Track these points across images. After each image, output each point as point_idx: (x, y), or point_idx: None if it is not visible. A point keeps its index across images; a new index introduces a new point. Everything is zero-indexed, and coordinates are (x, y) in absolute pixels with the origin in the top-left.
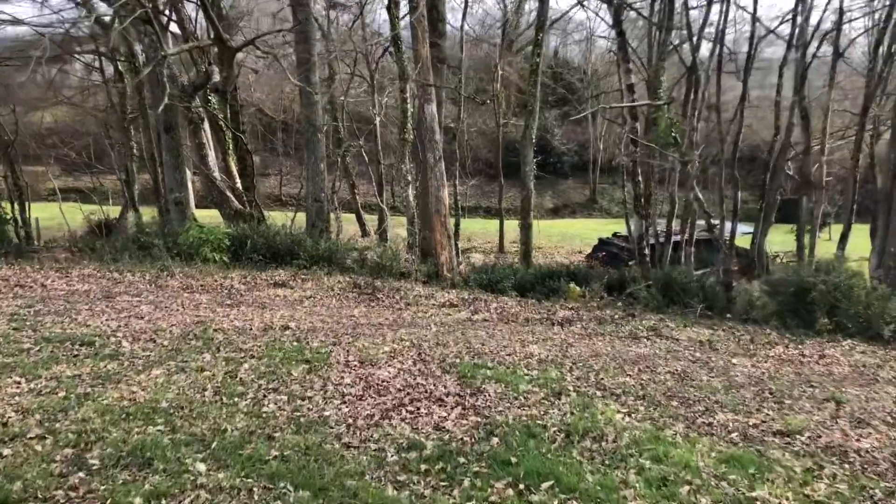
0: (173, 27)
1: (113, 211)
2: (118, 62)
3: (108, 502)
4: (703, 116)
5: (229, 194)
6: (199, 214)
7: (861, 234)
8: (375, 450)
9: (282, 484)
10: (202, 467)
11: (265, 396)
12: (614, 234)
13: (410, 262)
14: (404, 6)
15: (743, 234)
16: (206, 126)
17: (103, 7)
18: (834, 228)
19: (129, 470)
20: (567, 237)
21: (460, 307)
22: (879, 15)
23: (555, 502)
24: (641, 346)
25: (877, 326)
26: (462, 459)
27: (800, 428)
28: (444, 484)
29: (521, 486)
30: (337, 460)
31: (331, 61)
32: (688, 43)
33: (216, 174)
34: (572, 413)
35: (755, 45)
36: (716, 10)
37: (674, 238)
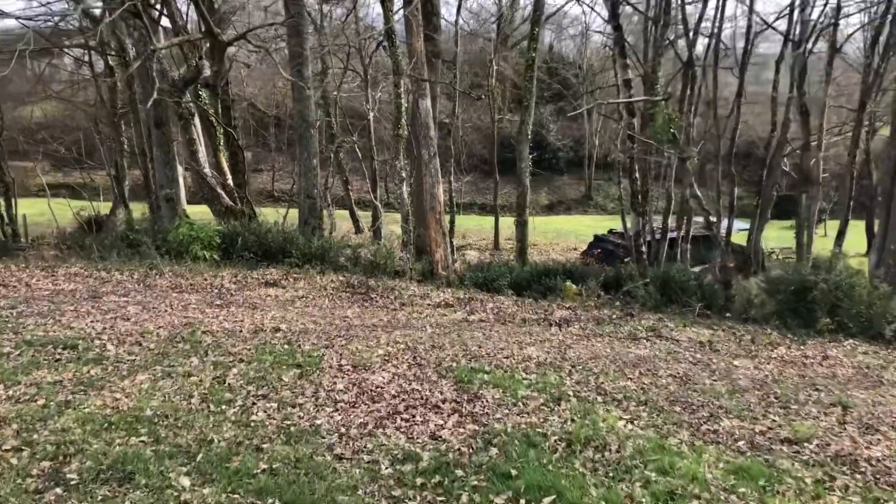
0: (164, 21)
1: (103, 207)
2: (108, 57)
3: None
4: (700, 112)
5: (220, 191)
6: (191, 210)
7: (857, 231)
8: (369, 462)
9: (270, 500)
10: (186, 482)
11: (254, 404)
12: (610, 231)
13: (405, 261)
14: None
15: (739, 231)
16: (197, 121)
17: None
18: (829, 225)
19: (109, 485)
20: (562, 234)
21: (456, 307)
22: (876, 10)
23: None
24: (641, 348)
25: (878, 326)
26: (460, 472)
27: (808, 435)
28: (441, 499)
29: (522, 502)
30: (328, 473)
31: (324, 56)
32: (684, 38)
33: (207, 170)
34: (573, 420)
35: (752, 41)
36: (712, 6)
37: (670, 235)
